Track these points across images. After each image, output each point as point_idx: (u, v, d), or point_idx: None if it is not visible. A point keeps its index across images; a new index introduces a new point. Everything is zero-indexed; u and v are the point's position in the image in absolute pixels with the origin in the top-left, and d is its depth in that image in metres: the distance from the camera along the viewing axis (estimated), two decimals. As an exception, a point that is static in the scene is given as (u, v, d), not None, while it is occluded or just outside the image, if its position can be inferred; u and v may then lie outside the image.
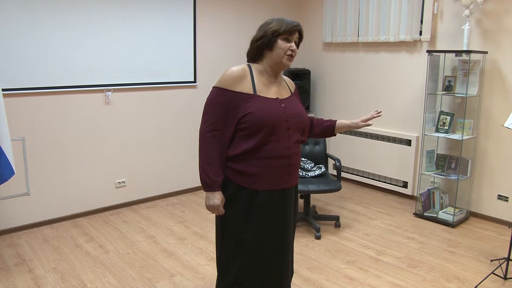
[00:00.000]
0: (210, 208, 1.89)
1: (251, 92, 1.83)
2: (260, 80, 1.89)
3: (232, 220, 1.91)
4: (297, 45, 1.93)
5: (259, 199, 1.87)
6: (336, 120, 2.14)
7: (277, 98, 1.89)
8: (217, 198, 1.87)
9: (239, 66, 1.88)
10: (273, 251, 1.95)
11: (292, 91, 2.03)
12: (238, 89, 1.82)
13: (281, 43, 1.85)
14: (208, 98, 1.87)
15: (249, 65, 1.92)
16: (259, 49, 1.90)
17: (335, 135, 2.16)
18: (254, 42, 1.91)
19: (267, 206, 1.89)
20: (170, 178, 4.45)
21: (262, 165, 1.85)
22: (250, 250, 1.91)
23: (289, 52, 1.87)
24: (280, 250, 1.97)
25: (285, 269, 2.01)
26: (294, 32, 1.87)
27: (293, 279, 2.76)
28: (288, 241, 2.00)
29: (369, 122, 2.14)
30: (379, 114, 2.09)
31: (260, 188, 1.87)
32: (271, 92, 1.89)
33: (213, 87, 1.88)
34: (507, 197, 3.75)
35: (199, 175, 1.88)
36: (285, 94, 1.95)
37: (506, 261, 2.92)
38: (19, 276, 2.86)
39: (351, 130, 4.82)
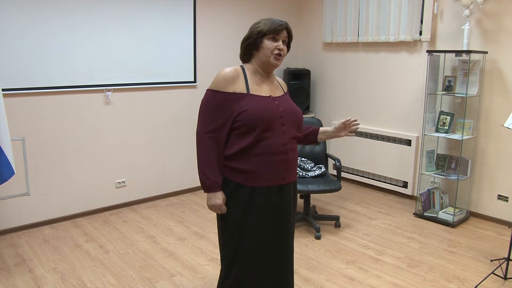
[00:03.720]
0: (212, 208, 1.91)
1: (244, 91, 1.85)
2: (253, 80, 1.91)
3: (232, 219, 1.92)
4: (288, 44, 1.95)
5: (257, 196, 1.88)
6: (319, 127, 2.18)
7: (270, 96, 1.91)
8: (218, 197, 1.88)
9: (232, 67, 1.90)
10: (274, 249, 1.95)
11: (285, 90, 2.06)
12: (231, 89, 1.84)
13: (267, 43, 1.87)
14: (202, 101, 1.90)
15: (242, 66, 1.94)
16: (247, 49, 1.92)
17: (317, 141, 2.18)
18: (242, 43, 1.93)
19: (266, 202, 1.90)
20: (170, 178, 4.45)
21: (259, 162, 1.86)
22: (250, 248, 1.91)
23: (276, 52, 1.87)
24: (280, 247, 1.97)
25: (287, 267, 2.02)
26: (280, 31, 1.88)
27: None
28: (288, 238, 2.00)
29: (353, 129, 2.15)
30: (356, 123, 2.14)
31: (258, 185, 1.88)
32: (264, 91, 1.91)
33: (207, 89, 1.90)
34: (507, 197, 3.75)
35: (199, 177, 1.89)
36: (278, 93, 1.97)
37: (506, 261, 2.92)
38: (19, 276, 2.86)
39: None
